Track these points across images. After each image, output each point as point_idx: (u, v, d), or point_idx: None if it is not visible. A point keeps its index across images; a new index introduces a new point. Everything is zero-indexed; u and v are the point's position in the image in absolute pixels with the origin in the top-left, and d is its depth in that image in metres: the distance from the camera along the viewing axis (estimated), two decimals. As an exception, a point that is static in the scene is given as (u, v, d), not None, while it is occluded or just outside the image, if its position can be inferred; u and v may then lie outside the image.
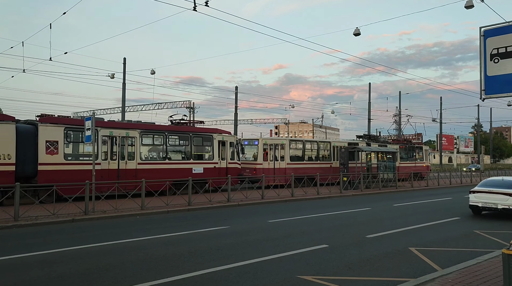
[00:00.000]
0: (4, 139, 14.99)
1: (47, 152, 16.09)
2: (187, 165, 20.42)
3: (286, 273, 6.95)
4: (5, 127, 15.13)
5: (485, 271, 6.65)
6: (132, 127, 19.02)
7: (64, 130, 16.69)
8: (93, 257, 8.02)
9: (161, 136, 19.89)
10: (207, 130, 22.78)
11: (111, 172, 17.78)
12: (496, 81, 5.36)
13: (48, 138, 16.17)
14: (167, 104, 54.93)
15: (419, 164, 35.69)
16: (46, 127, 16.21)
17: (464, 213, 14.69)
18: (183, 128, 21.32)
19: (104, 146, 17.86)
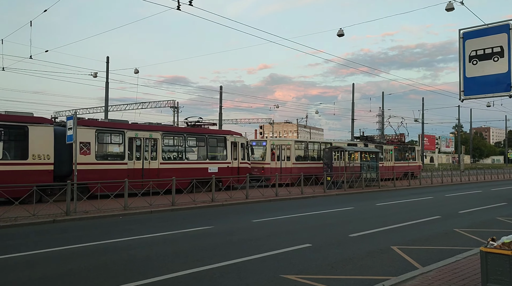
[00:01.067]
0: (44, 141, 16.07)
1: (81, 152, 16.98)
2: (203, 165, 21.71)
3: (270, 272, 6.98)
4: (45, 129, 16.21)
5: (464, 268, 6.79)
6: (154, 129, 20.15)
7: (95, 132, 17.70)
8: (76, 258, 7.92)
9: (180, 138, 21.18)
10: (221, 132, 24.39)
11: (136, 171, 18.80)
12: (475, 82, 5.49)
13: (82, 140, 17.00)
14: (151, 103, 54.49)
15: (412, 163, 37.24)
16: (80, 129, 16.77)
17: (445, 212, 14.94)
18: (199, 130, 22.73)
19: (130, 147, 18.92)
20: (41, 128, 16.11)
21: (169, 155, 20.90)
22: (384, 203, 18.25)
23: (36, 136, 15.89)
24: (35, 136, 15.86)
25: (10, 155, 15.66)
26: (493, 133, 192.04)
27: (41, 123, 16.26)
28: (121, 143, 18.55)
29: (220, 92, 42.42)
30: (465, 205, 17.18)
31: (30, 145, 15.74)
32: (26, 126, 15.77)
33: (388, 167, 33.66)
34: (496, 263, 4.99)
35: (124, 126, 19.00)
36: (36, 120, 16.45)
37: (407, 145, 39.06)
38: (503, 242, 5.06)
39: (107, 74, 32.83)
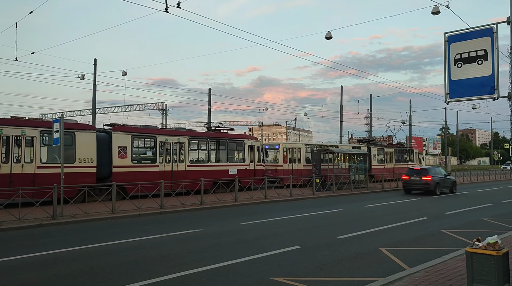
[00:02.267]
0: (88, 145, 17.47)
1: (119, 156, 18.49)
2: (225, 167, 23.21)
3: (259, 274, 6.97)
4: (89, 135, 17.63)
5: (451, 269, 6.86)
6: (182, 134, 21.74)
7: (131, 138, 19.17)
8: (61, 263, 7.81)
9: (204, 142, 22.75)
10: (240, 136, 26.06)
11: (166, 173, 20.18)
12: (460, 85, 5.57)
13: (120, 144, 18.61)
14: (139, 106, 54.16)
15: (411, 165, 38.15)
16: (118, 135, 18.67)
17: (432, 213, 15.09)
18: (221, 134, 24.47)
19: (161, 151, 20.42)
20: (85, 134, 17.55)
21: (195, 157, 22.47)
22: (372, 204, 18.37)
23: (81, 141, 17.30)
24: (80, 141, 17.27)
25: (59, 158, 16.13)
26: (479, 135, 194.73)
27: (85, 130, 17.78)
28: (153, 147, 20.13)
29: (209, 94, 42.34)
30: (452, 206, 17.39)
31: (77, 149, 17.12)
32: (73, 132, 17.08)
33: (389, 169, 35.23)
34: (481, 263, 5.06)
35: (156, 132, 20.72)
36: (81, 127, 18.02)
37: (406, 148, 41.01)
38: (488, 243, 5.13)
39: (94, 77, 32.53)
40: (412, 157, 40.10)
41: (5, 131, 15.58)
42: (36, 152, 16.23)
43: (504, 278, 5.00)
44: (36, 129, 16.39)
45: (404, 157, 38.88)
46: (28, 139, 16.18)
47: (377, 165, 34.20)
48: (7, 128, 15.71)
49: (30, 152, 16.26)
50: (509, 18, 5.10)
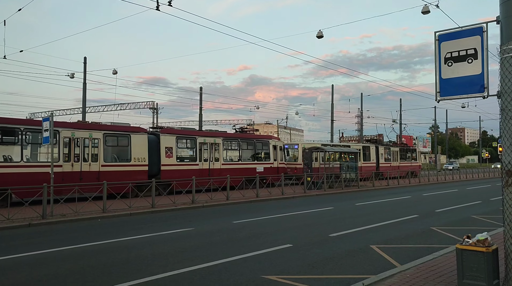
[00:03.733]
0: (141, 146, 19.51)
1: (166, 156, 20.61)
2: (253, 165, 25.34)
3: (251, 273, 6.97)
4: (142, 137, 19.73)
5: (441, 265, 6.93)
6: (217, 135, 24.04)
7: (176, 139, 21.32)
8: (51, 263, 7.74)
9: (235, 142, 25.01)
10: (265, 137, 28.47)
11: (204, 171, 22.32)
12: (450, 83, 5.61)
13: (166, 145, 20.76)
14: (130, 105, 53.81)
15: (414, 163, 42.00)
16: (165, 136, 20.93)
17: (422, 211, 15.22)
18: (249, 135, 26.74)
19: (200, 150, 22.49)
20: (139, 136, 19.62)
21: (228, 156, 24.44)
22: (363, 203, 18.47)
23: (135, 143, 19.36)
24: (135, 143, 19.33)
25: (118, 158, 19.00)
26: (467, 133, 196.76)
27: (139, 132, 19.86)
28: (194, 147, 22.34)
29: (200, 93, 42.20)
30: (442, 204, 17.54)
31: (132, 150, 19.21)
32: (129, 134, 19.29)
33: (395, 166, 37.88)
34: (471, 260, 5.11)
35: (196, 133, 23.20)
36: (135, 129, 20.19)
37: (409, 147, 43.82)
38: (478, 239, 5.19)
39: (84, 75, 32.26)
40: (414, 156, 42.60)
41: (77, 134, 17.63)
42: (100, 152, 18.23)
43: (493, 275, 5.06)
44: (100, 132, 18.39)
45: (407, 155, 41.36)
46: (94, 141, 18.24)
47: (384, 163, 37.06)
48: (78, 131, 17.72)
49: (96, 152, 18.29)
50: (499, 18, 5.15)
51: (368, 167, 33.43)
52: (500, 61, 5.06)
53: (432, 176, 37.69)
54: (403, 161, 40.13)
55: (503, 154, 5.01)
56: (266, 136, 29.80)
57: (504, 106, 5.00)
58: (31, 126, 16.52)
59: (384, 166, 36.31)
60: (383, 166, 36.22)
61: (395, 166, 38.08)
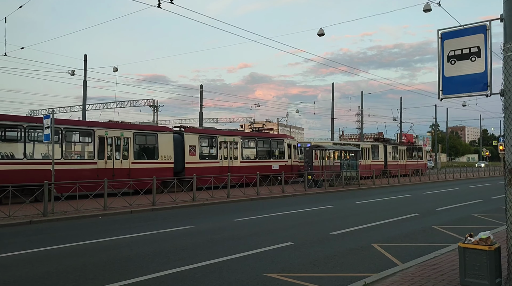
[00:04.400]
0: (167, 144, 20.68)
1: (190, 154, 21.91)
2: (269, 163, 26.63)
3: (252, 271, 6.97)
4: (168, 136, 20.97)
5: (442, 264, 6.92)
6: (236, 134, 25.48)
7: (199, 137, 22.67)
8: (53, 260, 7.74)
9: (253, 141, 26.22)
10: (280, 136, 29.96)
11: (224, 168, 23.46)
12: (453, 82, 5.59)
13: (190, 144, 22.05)
14: (130, 102, 53.77)
15: (420, 162, 43.57)
16: (189, 135, 22.18)
17: (423, 209, 15.21)
18: (265, 134, 28.30)
19: (221, 149, 23.77)
20: (165, 135, 20.82)
21: (246, 154, 25.66)
22: (364, 201, 18.47)
23: (162, 141, 20.52)
24: (162, 141, 20.49)
25: (146, 156, 20.13)
26: (468, 132, 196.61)
27: (165, 131, 21.13)
28: (215, 145, 23.58)
29: (201, 91, 42.16)
30: (442, 202, 17.53)
31: (159, 148, 20.37)
32: (156, 133, 20.49)
33: (402, 165, 39.09)
34: (473, 258, 5.11)
35: (217, 133, 24.39)
36: (162, 129, 21.74)
37: (416, 146, 45.14)
38: (480, 238, 5.18)
39: (84, 73, 32.24)
40: (421, 154, 44.11)
41: (110, 133, 18.69)
42: (131, 150, 19.37)
43: (496, 273, 5.06)
44: (130, 131, 19.49)
45: (413, 154, 42.69)
46: (125, 140, 19.31)
47: (392, 161, 38.33)
48: (111, 131, 18.78)
49: (126, 150, 19.39)
50: (502, 15, 5.13)
51: (376, 165, 34.97)
52: (503, 59, 5.04)
53: (433, 174, 37.69)
54: (410, 160, 41.42)
55: (506, 152, 4.99)
56: (281, 135, 31.12)
57: (507, 104, 4.98)
58: (69, 125, 17.89)
59: (392, 164, 37.52)
60: (391, 164, 37.38)
61: (402, 164, 39.32)
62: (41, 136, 16.01)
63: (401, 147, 41.11)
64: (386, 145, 38.58)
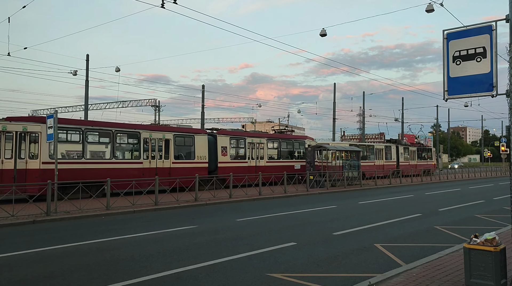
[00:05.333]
0: (202, 145, 22.35)
1: (222, 154, 23.50)
2: (291, 163, 27.89)
3: (256, 271, 6.97)
4: (203, 137, 22.65)
5: (447, 265, 6.92)
6: (262, 136, 27.05)
7: (229, 139, 24.23)
8: (56, 259, 7.75)
9: (277, 142, 27.59)
10: (301, 137, 31.16)
11: (252, 168, 25.08)
12: (458, 82, 5.59)
13: (222, 145, 23.62)
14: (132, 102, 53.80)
15: (430, 162, 44.67)
16: (221, 137, 23.73)
17: (425, 210, 15.20)
18: (287, 136, 29.69)
19: (249, 150, 25.29)
20: (201, 137, 22.48)
21: (270, 155, 27.01)
22: (366, 201, 18.46)
23: (198, 143, 22.17)
24: (198, 143, 22.14)
25: (184, 156, 21.69)
26: (469, 132, 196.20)
27: (201, 133, 22.85)
28: (244, 146, 25.13)
29: (203, 91, 42.14)
30: (445, 203, 17.51)
31: (196, 149, 22.01)
32: (193, 135, 22.16)
33: (413, 165, 40.36)
34: (479, 259, 5.10)
35: (245, 134, 26.28)
36: (198, 131, 23.60)
37: (425, 147, 46.62)
38: (485, 239, 5.18)
39: (87, 73, 32.26)
40: (430, 155, 45.25)
41: (153, 135, 20.29)
42: (171, 150, 20.83)
43: (501, 274, 5.05)
44: (171, 134, 21.13)
45: (423, 155, 43.83)
46: (166, 141, 20.77)
47: (403, 162, 39.61)
48: (154, 133, 20.35)
49: (167, 150, 20.75)
50: (508, 16, 5.12)
51: (389, 165, 36.80)
52: (509, 59, 5.04)
53: (434, 175, 37.65)
54: (420, 160, 42.63)
55: (512, 153, 4.99)
56: (302, 136, 32.57)
57: (513, 105, 4.98)
58: (119, 128, 19.61)
59: (403, 164, 39.00)
60: (402, 164, 38.89)
61: (413, 164, 40.64)
62: (94, 139, 18.55)
63: (412, 147, 42.46)
64: (398, 146, 39.99)
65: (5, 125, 15.93)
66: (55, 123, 13.16)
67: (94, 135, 18.54)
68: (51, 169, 15.33)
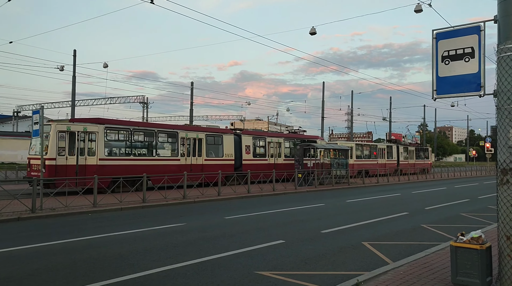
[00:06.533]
0: (230, 144, 24.50)
1: (246, 152, 25.63)
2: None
3: (244, 269, 6.96)
4: (230, 137, 24.82)
5: (433, 262, 6.99)
6: (279, 136, 29.83)
7: (252, 138, 26.60)
8: (42, 257, 7.64)
9: (292, 141, 29.83)
10: (313, 137, 33.38)
11: (271, 165, 27.10)
12: (447, 82, 5.63)
13: (246, 144, 25.85)
14: (120, 99, 53.33)
15: (427, 161, 47.15)
16: (245, 136, 26.11)
17: (412, 208, 15.35)
18: (301, 135, 32.11)
19: (269, 148, 27.54)
20: (228, 136, 24.66)
21: (286, 153, 28.93)
22: (354, 200, 18.58)
23: (226, 141, 24.27)
24: (225, 142, 24.24)
25: (214, 154, 23.70)
26: (455, 132, 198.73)
27: (228, 133, 25.08)
28: (264, 146, 27.30)
29: (191, 88, 41.94)
30: (431, 202, 17.70)
31: (224, 147, 24.08)
32: (222, 135, 24.36)
33: (411, 164, 42.70)
34: (465, 257, 5.16)
35: (265, 134, 29.26)
36: (226, 131, 26.06)
37: (422, 147, 49.04)
38: (472, 237, 5.23)
39: (74, 68, 31.88)
40: (426, 154, 47.62)
41: (189, 135, 22.35)
42: (203, 149, 22.89)
43: (487, 272, 5.11)
44: (203, 133, 23.20)
45: (421, 154, 46.14)
46: (199, 140, 22.77)
47: (403, 161, 41.91)
48: (189, 133, 22.48)
49: (200, 149, 22.77)
50: (496, 17, 5.18)
51: (390, 164, 39.30)
52: (497, 60, 5.09)
53: (421, 174, 38.08)
54: (418, 159, 44.99)
55: (499, 152, 5.05)
56: (314, 136, 34.64)
57: (500, 105, 5.03)
58: (161, 128, 21.85)
59: (403, 163, 41.40)
60: (402, 163, 41.25)
61: (411, 163, 43.06)
62: (140, 138, 20.63)
63: (410, 147, 44.71)
64: (399, 145, 42.27)
65: (69, 126, 17.94)
66: (41, 119, 12.96)
67: (140, 135, 20.66)
68: (107, 164, 18.39)
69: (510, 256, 4.82)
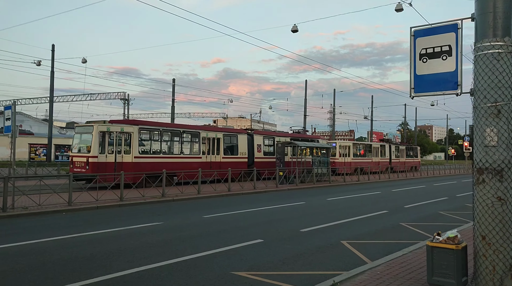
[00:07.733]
0: (243, 143, 26.52)
1: (257, 151, 27.61)
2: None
3: (220, 269, 6.81)
4: (244, 136, 26.86)
5: (410, 262, 6.96)
6: (286, 136, 31.52)
7: (263, 138, 28.60)
8: (10, 258, 7.34)
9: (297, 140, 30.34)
10: (317, 137, 36.44)
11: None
12: (424, 80, 5.58)
13: (258, 143, 27.79)
14: (100, 95, 52.47)
15: (416, 160, 49.80)
16: (257, 136, 28.17)
17: (391, 207, 15.43)
18: (305, 135, 34.46)
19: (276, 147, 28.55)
20: (242, 136, 26.72)
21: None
22: (335, 198, 18.60)
23: (241, 141, 26.32)
24: (240, 141, 26.30)
25: (230, 152, 25.66)
26: (435, 131, 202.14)
27: (242, 133, 27.13)
28: (273, 145, 29.07)
29: (173, 85, 41.51)
30: (410, 200, 17.86)
31: (239, 146, 26.16)
32: (237, 135, 26.46)
33: (402, 162, 45.04)
34: (441, 257, 5.12)
35: (274, 134, 31.67)
36: (241, 131, 28.57)
37: (412, 146, 50.81)
38: (448, 237, 5.20)
39: (52, 63, 31.17)
40: (416, 153, 50.07)
41: (209, 135, 24.29)
42: (221, 147, 24.85)
43: (462, 272, 5.09)
44: (221, 133, 25.31)
45: (410, 153, 48.26)
46: (217, 140, 24.76)
47: (395, 159, 44.16)
48: (209, 133, 24.48)
49: (218, 147, 24.72)
50: (473, 15, 5.13)
51: (383, 162, 41.24)
52: (474, 58, 5.05)
53: (401, 172, 38.53)
54: (408, 158, 47.31)
55: (475, 152, 5.01)
56: (318, 136, 37.14)
57: (476, 104, 4.99)
58: (185, 129, 23.76)
59: (395, 162, 43.51)
60: (394, 162, 43.37)
61: (402, 161, 45.31)
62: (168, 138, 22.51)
63: (401, 146, 47.11)
64: (391, 145, 44.75)
65: (109, 127, 19.58)
66: (13, 115, 12.53)
67: (168, 135, 22.53)
68: (141, 162, 20.29)
69: (485, 256, 4.80)
